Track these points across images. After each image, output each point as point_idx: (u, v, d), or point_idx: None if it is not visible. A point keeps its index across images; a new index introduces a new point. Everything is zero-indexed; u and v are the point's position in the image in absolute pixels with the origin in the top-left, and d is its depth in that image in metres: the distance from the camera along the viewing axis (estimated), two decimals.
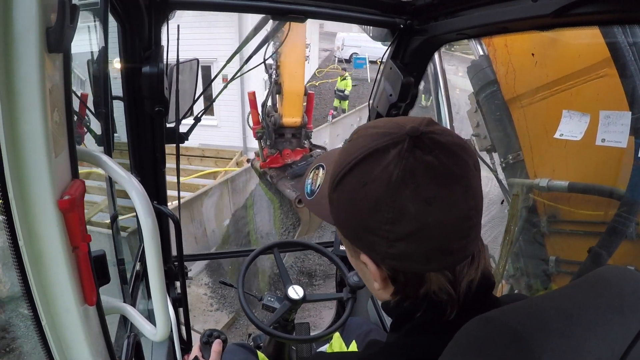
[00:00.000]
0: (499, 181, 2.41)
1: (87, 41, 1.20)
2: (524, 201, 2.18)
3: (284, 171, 4.65)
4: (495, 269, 2.35)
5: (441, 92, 2.43)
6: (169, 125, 1.38)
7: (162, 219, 1.50)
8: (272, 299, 1.48)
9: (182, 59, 1.32)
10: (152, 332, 0.77)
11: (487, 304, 0.55)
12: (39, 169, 0.47)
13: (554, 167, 2.10)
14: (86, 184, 0.56)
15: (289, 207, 4.89)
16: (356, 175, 0.52)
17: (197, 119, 1.53)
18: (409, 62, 1.45)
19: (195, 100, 1.47)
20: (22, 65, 0.44)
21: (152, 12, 1.18)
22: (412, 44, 1.42)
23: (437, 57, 2.27)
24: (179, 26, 1.20)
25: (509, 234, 2.26)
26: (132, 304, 1.29)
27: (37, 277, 0.52)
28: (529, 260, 2.28)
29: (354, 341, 1.54)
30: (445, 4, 1.22)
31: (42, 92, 0.45)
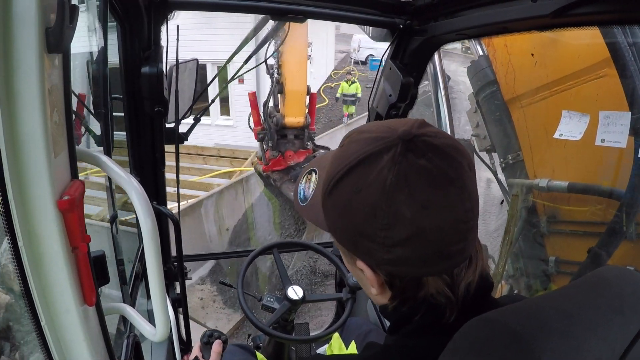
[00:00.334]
0: (499, 181, 2.41)
1: (86, 41, 1.20)
2: (523, 201, 2.18)
3: (287, 174, 4.57)
4: (494, 269, 2.35)
5: (441, 92, 2.42)
6: (168, 125, 1.38)
7: (162, 219, 1.50)
8: (271, 300, 1.48)
9: (181, 59, 1.32)
10: (151, 332, 0.76)
11: (486, 305, 0.54)
12: (38, 169, 0.47)
13: (553, 167, 2.09)
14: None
15: (294, 210, 4.85)
16: (349, 181, 0.51)
17: (197, 119, 1.54)
18: (408, 62, 1.45)
19: (195, 100, 1.48)
20: (21, 65, 0.44)
21: (152, 12, 1.18)
22: (411, 44, 1.42)
23: (436, 57, 2.26)
24: (178, 26, 1.20)
25: (508, 235, 2.26)
26: (132, 305, 1.29)
27: (37, 278, 0.52)
28: (528, 260, 2.28)
29: (353, 342, 1.53)
30: (445, 4, 1.22)
31: (42, 92, 0.45)
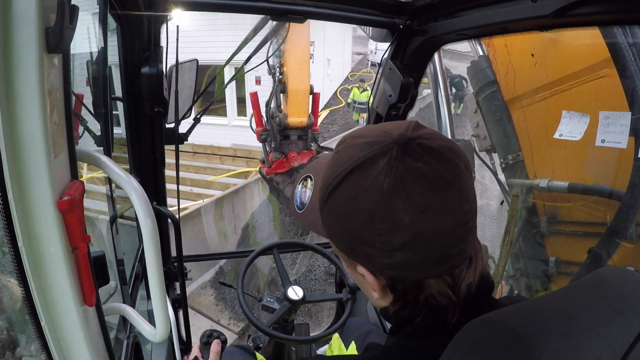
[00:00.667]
0: (499, 182, 2.41)
1: (86, 41, 1.19)
2: (523, 202, 2.18)
3: (290, 176, 4.44)
4: (495, 269, 2.34)
5: (441, 92, 2.42)
6: (168, 125, 1.38)
7: (162, 219, 1.50)
8: (271, 300, 1.48)
9: (181, 60, 1.32)
10: (151, 332, 0.76)
11: (487, 305, 0.54)
12: (38, 169, 0.47)
13: (553, 167, 2.09)
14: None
15: None
16: (346, 188, 0.51)
17: (197, 120, 1.54)
18: (408, 62, 1.45)
19: (194, 100, 1.48)
20: (21, 65, 0.44)
21: (152, 12, 1.18)
22: (411, 44, 1.42)
23: (436, 57, 2.26)
24: (178, 27, 1.20)
25: (508, 235, 2.25)
26: (132, 305, 1.29)
27: (37, 278, 0.52)
28: (528, 261, 2.28)
29: (353, 342, 1.53)
30: (445, 5, 1.22)
31: (42, 92, 0.45)
